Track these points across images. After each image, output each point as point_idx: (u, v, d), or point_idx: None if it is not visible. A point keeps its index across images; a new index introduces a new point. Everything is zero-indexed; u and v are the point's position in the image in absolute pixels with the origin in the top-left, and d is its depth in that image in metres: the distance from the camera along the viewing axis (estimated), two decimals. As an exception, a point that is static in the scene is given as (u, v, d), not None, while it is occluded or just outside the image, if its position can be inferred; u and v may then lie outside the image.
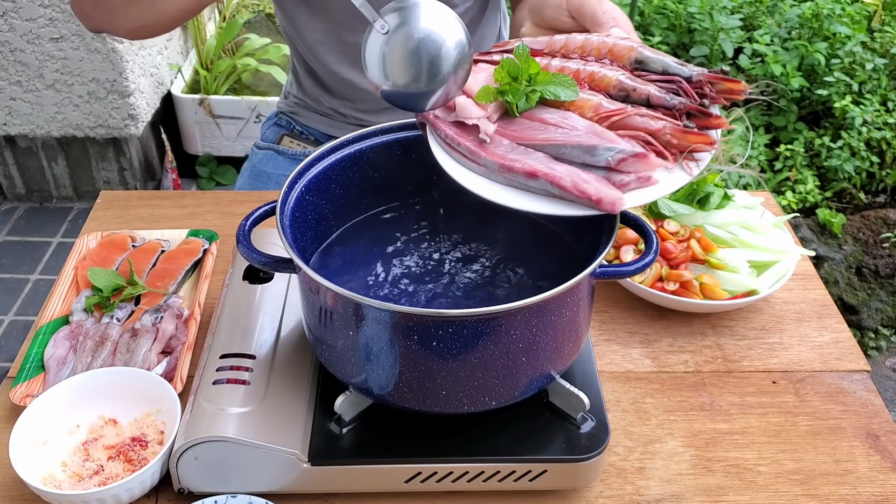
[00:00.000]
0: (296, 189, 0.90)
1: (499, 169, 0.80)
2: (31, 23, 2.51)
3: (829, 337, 1.10)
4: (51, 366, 1.00)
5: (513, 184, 0.80)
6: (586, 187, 0.76)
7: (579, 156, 0.79)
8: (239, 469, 0.85)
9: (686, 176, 0.79)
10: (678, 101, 0.81)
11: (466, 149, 0.82)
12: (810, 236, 2.47)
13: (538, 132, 0.82)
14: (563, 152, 0.80)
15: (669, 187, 0.78)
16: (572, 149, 0.79)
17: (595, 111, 0.83)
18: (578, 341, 0.87)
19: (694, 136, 0.79)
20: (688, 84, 0.83)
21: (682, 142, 0.79)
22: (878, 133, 2.55)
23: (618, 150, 0.78)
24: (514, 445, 0.86)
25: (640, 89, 0.83)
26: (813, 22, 2.76)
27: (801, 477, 0.92)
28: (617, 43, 0.88)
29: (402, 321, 0.76)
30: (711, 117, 0.81)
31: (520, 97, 0.84)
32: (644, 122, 0.81)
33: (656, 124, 0.80)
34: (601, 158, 0.78)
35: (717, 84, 0.83)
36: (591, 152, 0.78)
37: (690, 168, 0.79)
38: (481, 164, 0.82)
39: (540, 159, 0.80)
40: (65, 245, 2.72)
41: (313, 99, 1.49)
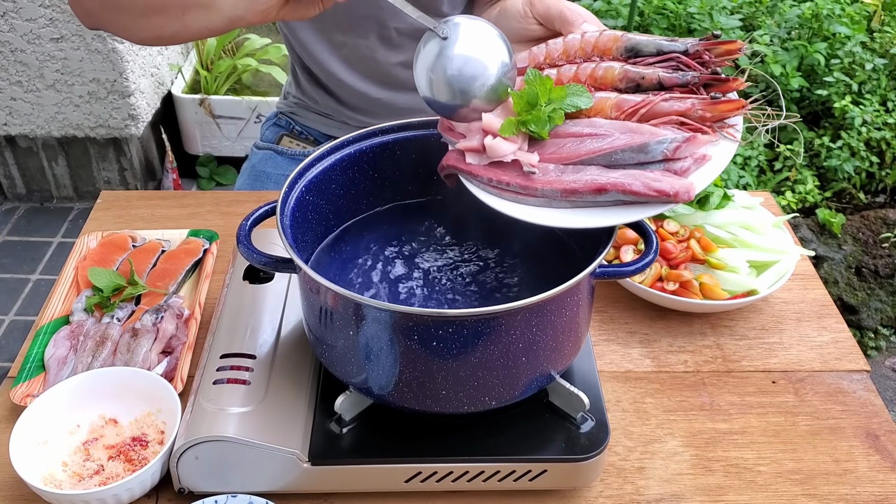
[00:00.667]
0: (296, 189, 0.90)
1: (561, 195, 0.78)
2: (31, 23, 2.51)
3: (829, 337, 1.10)
4: (51, 366, 1.00)
5: (579, 204, 0.79)
6: (659, 185, 0.76)
7: (633, 157, 0.78)
8: (239, 469, 0.85)
9: (733, 143, 0.79)
10: (692, 76, 0.81)
11: (518, 185, 0.80)
12: (810, 236, 2.47)
13: (579, 146, 0.81)
14: (616, 158, 0.78)
15: (725, 158, 0.78)
16: (623, 152, 0.78)
17: (618, 109, 0.82)
18: (578, 341, 0.87)
19: (725, 105, 0.79)
20: (686, 57, 0.83)
21: (715, 113, 0.79)
22: (878, 133, 2.55)
23: (670, 140, 0.77)
24: (514, 445, 0.86)
25: (649, 75, 0.82)
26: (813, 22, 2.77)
27: (800, 477, 0.92)
28: (600, 36, 0.87)
29: (402, 321, 0.76)
30: (728, 81, 0.81)
31: (543, 124, 0.82)
32: (671, 105, 0.80)
33: (684, 104, 0.79)
34: (656, 152, 0.77)
35: (713, 49, 0.83)
36: (644, 150, 0.78)
37: (733, 135, 0.79)
38: (538, 196, 0.80)
39: (595, 172, 0.78)
40: (65, 245, 2.72)
41: (312, 99, 1.49)
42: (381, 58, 1.34)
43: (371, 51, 1.33)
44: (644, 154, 0.78)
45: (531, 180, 0.80)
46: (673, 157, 0.77)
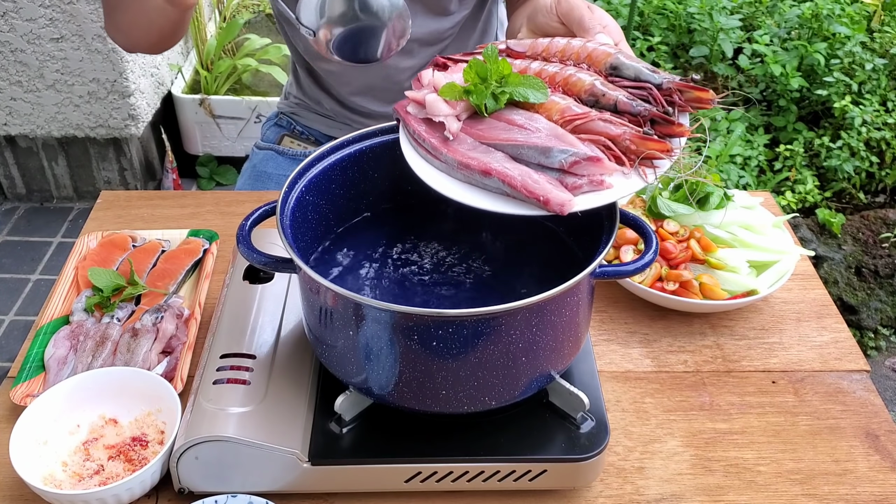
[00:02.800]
0: (296, 189, 0.90)
1: (457, 166, 0.82)
2: (31, 23, 2.51)
3: (829, 337, 1.10)
4: (51, 366, 1.00)
5: (471, 181, 0.82)
6: (535, 188, 0.78)
7: (535, 157, 0.81)
8: (239, 469, 0.85)
9: (640, 182, 0.80)
10: (643, 108, 0.83)
11: (431, 145, 0.84)
12: (810, 236, 2.47)
13: (502, 132, 0.84)
14: (521, 153, 0.82)
15: (622, 191, 0.79)
16: (529, 150, 0.81)
17: (561, 114, 0.84)
18: (578, 341, 0.87)
19: (652, 143, 0.80)
20: (658, 91, 0.84)
21: (640, 147, 0.80)
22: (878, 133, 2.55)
23: (571, 153, 0.79)
24: (514, 445, 0.86)
25: (609, 94, 0.84)
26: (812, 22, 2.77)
27: (800, 476, 0.92)
28: (596, 48, 0.89)
29: (402, 321, 0.76)
30: (674, 125, 0.82)
31: (484, 98, 0.84)
32: (605, 126, 0.82)
33: (617, 129, 0.81)
34: (555, 160, 0.80)
35: (686, 92, 0.84)
36: (546, 154, 0.80)
37: (646, 174, 0.80)
38: (442, 161, 0.84)
39: (498, 159, 0.82)
40: (65, 245, 2.72)
41: (313, 100, 1.49)
42: (390, 63, 1.34)
43: None
44: (545, 157, 0.80)
45: (444, 145, 0.83)
46: (569, 171, 0.80)
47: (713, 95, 0.83)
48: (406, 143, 0.88)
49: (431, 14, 1.31)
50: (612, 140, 0.81)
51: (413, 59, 1.35)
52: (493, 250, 0.97)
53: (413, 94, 0.88)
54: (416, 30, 1.30)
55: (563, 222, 0.97)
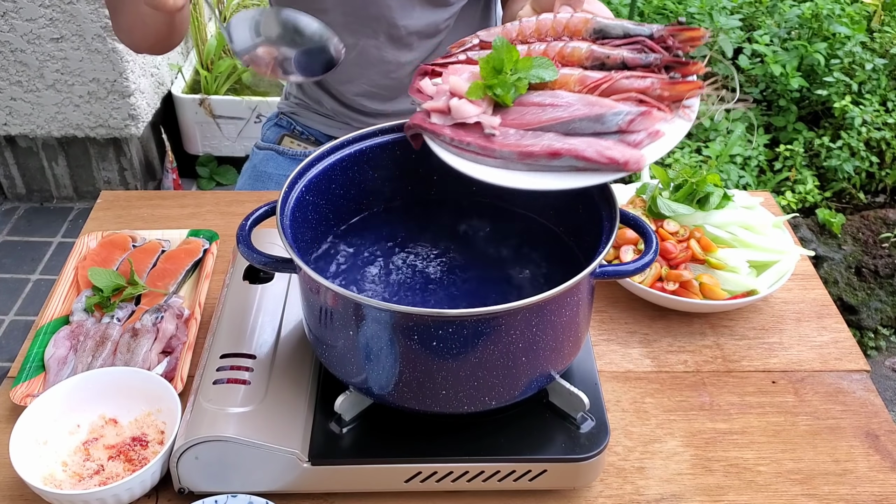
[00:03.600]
0: (296, 189, 0.90)
1: (517, 157, 0.81)
2: (31, 23, 2.51)
3: (829, 337, 1.10)
4: (51, 366, 1.00)
5: (534, 168, 0.82)
6: (611, 152, 0.78)
7: (589, 126, 0.81)
8: (239, 469, 0.85)
9: (686, 122, 0.82)
10: (654, 57, 0.84)
11: (478, 146, 0.83)
12: (810, 236, 2.47)
13: (539, 115, 0.84)
14: (573, 127, 0.81)
15: (677, 136, 0.81)
16: (581, 122, 0.81)
17: (581, 84, 0.85)
18: (578, 341, 0.87)
19: (683, 85, 0.82)
20: (651, 41, 0.86)
21: (672, 93, 0.82)
22: (878, 133, 2.55)
23: (626, 112, 0.80)
24: (514, 445, 0.86)
25: (614, 55, 0.85)
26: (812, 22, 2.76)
27: (800, 476, 0.92)
28: (570, 18, 0.90)
29: (402, 321, 0.76)
30: (689, 65, 0.84)
31: (509, 88, 0.85)
32: (632, 83, 0.83)
33: (644, 82, 0.82)
34: (612, 124, 0.80)
35: (678, 35, 0.86)
36: (600, 120, 0.80)
37: (687, 114, 0.82)
38: (497, 157, 0.83)
39: (553, 138, 0.81)
40: (65, 245, 2.72)
41: (313, 100, 1.49)
42: (390, 57, 1.34)
43: (380, 51, 1.33)
44: (600, 124, 0.80)
45: (491, 141, 0.83)
46: (627, 130, 0.80)
47: (704, 31, 0.85)
48: (445, 153, 0.86)
49: (430, 6, 1.31)
50: (643, 93, 0.82)
51: (413, 53, 1.35)
52: (493, 250, 0.97)
53: (432, 105, 0.87)
54: (415, 22, 1.31)
55: (563, 222, 0.98)
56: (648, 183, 1.22)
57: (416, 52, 1.35)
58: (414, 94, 0.92)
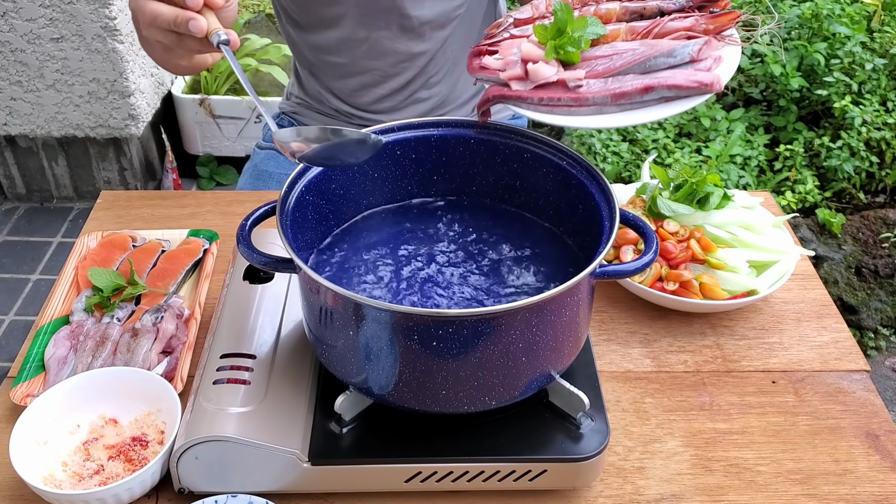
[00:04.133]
0: (296, 189, 0.90)
1: (612, 99, 0.87)
2: (31, 23, 2.51)
3: (829, 337, 1.10)
4: (51, 366, 1.00)
5: (626, 107, 0.87)
6: (698, 77, 0.85)
7: (664, 62, 0.88)
8: (239, 469, 0.85)
9: (736, 47, 0.90)
10: (686, 1, 0.93)
11: (570, 99, 0.88)
12: (810, 236, 2.47)
13: (612, 63, 0.89)
14: (650, 65, 0.88)
15: (735, 59, 0.89)
16: (656, 59, 0.88)
17: (632, 33, 0.92)
18: (578, 341, 0.87)
19: (723, 17, 0.91)
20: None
21: (716, 25, 0.90)
22: (878, 133, 2.55)
23: (694, 44, 0.87)
24: (514, 445, 0.86)
25: (650, 5, 0.94)
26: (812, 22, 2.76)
27: (800, 476, 0.92)
28: None
29: (402, 321, 0.76)
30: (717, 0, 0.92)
31: (578, 45, 0.90)
32: (678, 23, 0.91)
33: (689, 21, 0.91)
34: (685, 54, 0.87)
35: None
36: (673, 54, 0.88)
37: (735, 40, 0.91)
38: (591, 104, 0.87)
39: (636, 77, 0.87)
40: (65, 245, 2.72)
41: (315, 99, 1.49)
42: (402, 48, 1.34)
43: (392, 42, 1.34)
44: (673, 58, 0.88)
45: (581, 93, 0.88)
46: (698, 59, 0.88)
47: None
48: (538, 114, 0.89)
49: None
50: (690, 30, 0.90)
51: (425, 43, 1.35)
52: (493, 250, 0.97)
53: (509, 74, 0.90)
54: (427, 12, 1.31)
55: (563, 222, 0.98)
56: (648, 183, 1.22)
57: (429, 43, 1.35)
58: (478, 73, 0.94)
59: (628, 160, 2.57)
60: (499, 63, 0.92)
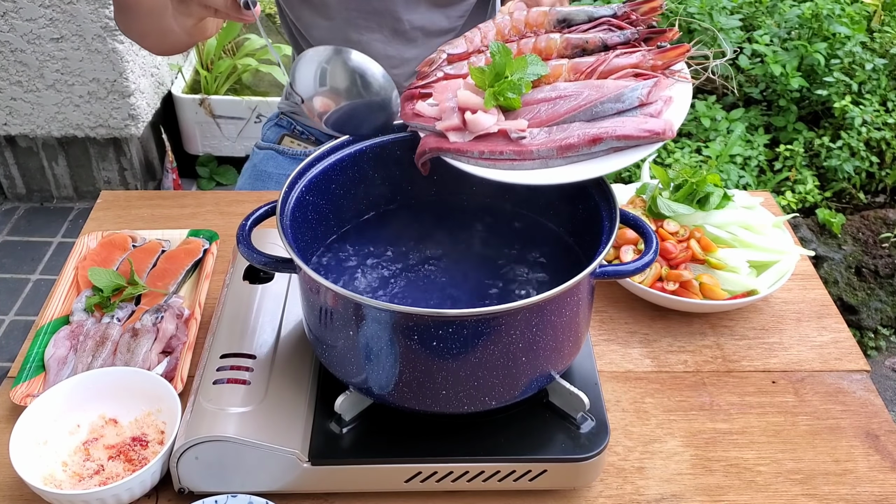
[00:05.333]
0: (296, 189, 0.90)
1: (558, 152, 0.82)
2: (31, 23, 2.51)
3: (829, 337, 1.10)
4: (51, 366, 1.00)
5: (574, 159, 0.83)
6: (648, 126, 0.81)
7: (612, 107, 0.83)
8: (239, 469, 0.85)
9: (687, 85, 0.86)
10: (631, 32, 0.87)
11: (513, 152, 0.83)
12: (810, 236, 2.47)
13: (555, 109, 0.85)
14: (596, 111, 0.83)
15: (686, 98, 0.85)
16: (602, 104, 0.83)
17: (575, 71, 0.86)
18: (578, 341, 0.87)
19: (671, 52, 0.86)
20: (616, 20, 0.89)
21: (664, 60, 0.85)
22: (878, 133, 2.55)
23: (642, 86, 0.82)
24: (514, 445, 0.86)
25: (592, 39, 0.88)
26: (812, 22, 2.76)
27: (800, 476, 0.92)
28: (527, 14, 0.91)
29: (402, 321, 0.76)
30: (665, 32, 0.88)
31: (517, 87, 0.85)
32: (624, 60, 0.86)
33: (635, 57, 0.85)
34: (633, 98, 0.82)
35: (638, 8, 0.89)
36: (620, 99, 0.83)
37: (685, 77, 0.86)
38: (535, 158, 0.83)
39: (583, 126, 0.83)
40: (65, 245, 2.72)
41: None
42: (393, 52, 1.34)
43: (384, 46, 1.33)
44: (621, 103, 0.83)
45: (524, 145, 0.83)
46: (647, 102, 0.83)
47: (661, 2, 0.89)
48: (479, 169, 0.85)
49: (435, 6, 1.31)
50: (637, 67, 0.85)
51: (417, 49, 1.35)
52: (493, 250, 0.97)
53: (446, 125, 0.86)
54: (420, 18, 1.30)
55: (563, 222, 0.98)
56: (648, 183, 1.22)
57: (420, 49, 1.35)
58: (412, 120, 0.90)
59: (628, 160, 2.57)
60: (434, 110, 0.87)
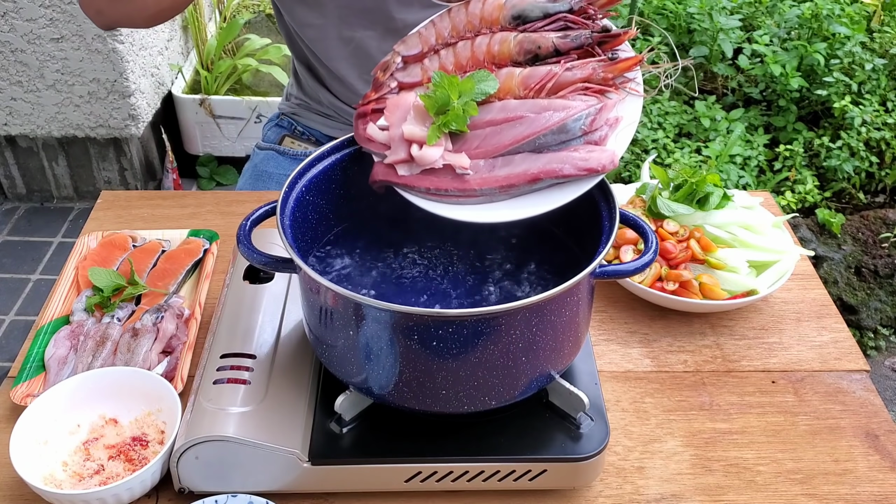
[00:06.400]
0: (296, 189, 0.90)
1: (500, 191, 0.82)
2: (31, 23, 2.51)
3: (829, 337, 1.10)
4: (51, 365, 1.00)
5: (517, 195, 0.83)
6: (587, 164, 0.80)
7: (555, 138, 0.82)
8: (239, 468, 0.85)
9: (637, 99, 0.83)
10: (584, 37, 0.85)
11: (457, 190, 0.84)
12: (809, 236, 2.47)
13: (501, 137, 0.84)
14: (539, 143, 0.82)
15: (634, 115, 0.83)
16: (546, 136, 0.82)
17: (525, 86, 0.85)
18: (578, 341, 0.87)
19: (623, 63, 0.83)
20: (573, 15, 0.86)
21: (615, 73, 0.83)
22: (878, 133, 2.55)
23: (585, 115, 0.81)
24: (514, 445, 0.86)
25: (545, 44, 0.85)
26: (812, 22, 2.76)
27: (800, 476, 0.92)
28: (482, 8, 0.89)
29: (402, 321, 0.76)
30: (619, 36, 0.84)
31: (463, 120, 0.84)
32: (574, 74, 0.84)
33: (586, 70, 0.83)
34: (575, 129, 0.81)
35: (596, 2, 0.87)
36: (563, 130, 0.82)
37: (636, 90, 0.84)
38: (479, 195, 0.83)
39: (525, 160, 0.82)
40: (65, 245, 2.72)
41: (314, 99, 1.49)
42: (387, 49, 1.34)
43: (379, 43, 1.33)
44: (564, 134, 0.82)
45: (467, 182, 0.83)
46: (591, 130, 0.82)
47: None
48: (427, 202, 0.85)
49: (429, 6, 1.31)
50: (587, 81, 0.83)
51: None
52: (493, 250, 0.97)
53: (394, 158, 0.86)
54: (413, 16, 1.30)
55: (563, 223, 0.98)
56: (648, 183, 1.22)
57: None
58: (365, 144, 0.90)
59: (628, 160, 2.57)
60: (384, 136, 0.87)
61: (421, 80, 0.90)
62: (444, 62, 0.89)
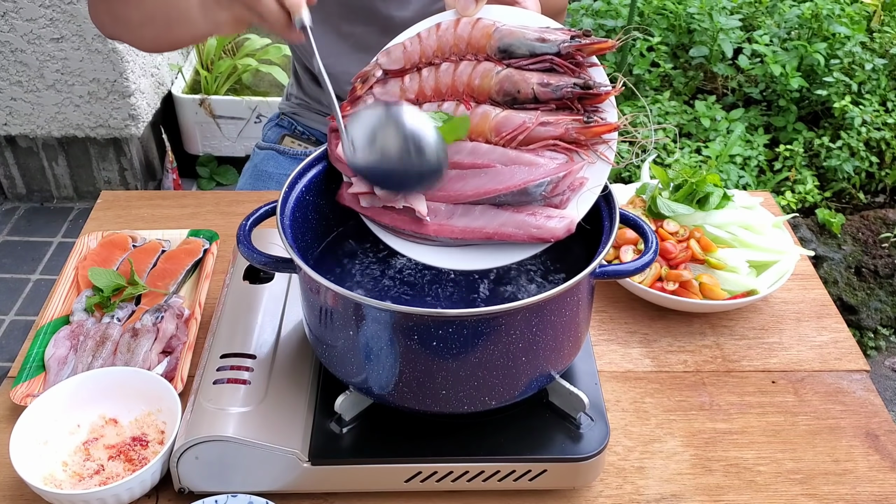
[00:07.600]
0: (296, 189, 0.90)
1: (454, 241, 0.84)
2: (31, 23, 2.51)
3: (829, 337, 1.10)
4: (51, 365, 1.00)
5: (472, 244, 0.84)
6: (540, 233, 0.81)
7: (515, 199, 0.82)
8: (239, 469, 0.85)
9: (606, 165, 0.82)
10: (565, 90, 0.82)
11: (413, 232, 0.84)
12: (809, 236, 2.47)
13: (464, 187, 0.84)
14: (500, 200, 0.83)
15: (599, 179, 0.82)
16: (506, 196, 0.82)
17: (497, 133, 0.84)
18: (578, 341, 0.87)
19: (597, 128, 0.82)
20: (559, 59, 0.84)
21: (588, 136, 0.82)
22: (878, 133, 2.55)
23: (547, 182, 0.81)
24: (514, 445, 0.86)
25: (524, 89, 0.84)
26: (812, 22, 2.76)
27: (800, 476, 0.92)
28: (471, 31, 0.87)
29: (402, 321, 0.76)
30: (601, 96, 0.82)
31: None
32: (547, 130, 0.83)
33: (559, 128, 0.82)
34: (536, 194, 0.81)
35: (585, 48, 0.84)
36: (525, 193, 0.82)
37: (606, 156, 0.83)
38: (437, 243, 0.84)
39: (485, 213, 0.83)
40: (65, 245, 2.72)
41: (314, 99, 1.49)
42: None
43: (379, 38, 1.33)
44: (525, 196, 0.82)
45: (425, 227, 0.84)
46: (551, 195, 0.82)
47: (612, 42, 0.83)
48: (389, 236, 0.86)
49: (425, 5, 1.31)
50: (559, 139, 0.82)
51: None
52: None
53: (358, 189, 0.85)
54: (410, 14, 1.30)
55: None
56: (648, 183, 1.22)
57: None
58: (335, 163, 0.90)
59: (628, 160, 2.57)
60: None
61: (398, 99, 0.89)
62: (424, 85, 0.88)
